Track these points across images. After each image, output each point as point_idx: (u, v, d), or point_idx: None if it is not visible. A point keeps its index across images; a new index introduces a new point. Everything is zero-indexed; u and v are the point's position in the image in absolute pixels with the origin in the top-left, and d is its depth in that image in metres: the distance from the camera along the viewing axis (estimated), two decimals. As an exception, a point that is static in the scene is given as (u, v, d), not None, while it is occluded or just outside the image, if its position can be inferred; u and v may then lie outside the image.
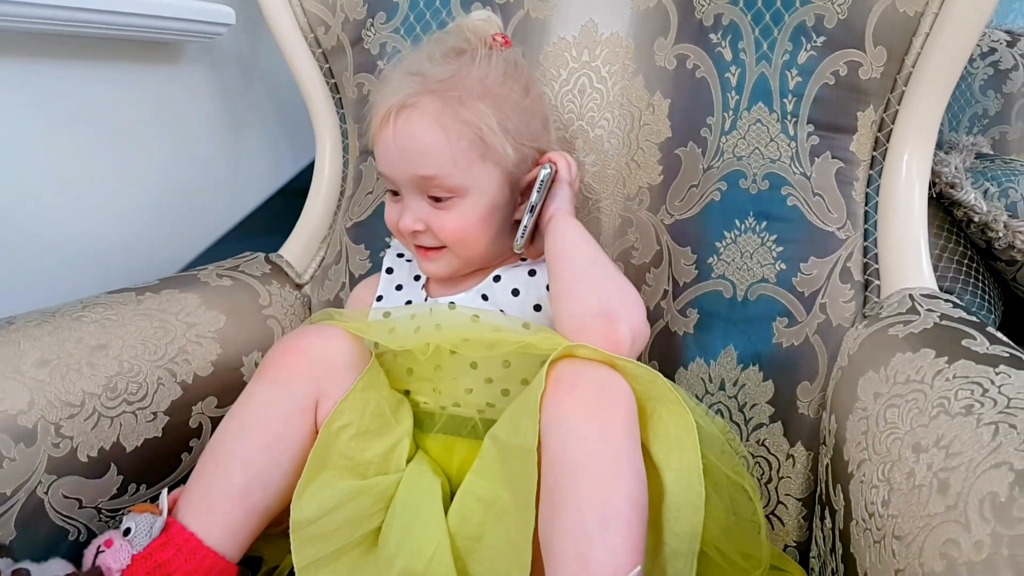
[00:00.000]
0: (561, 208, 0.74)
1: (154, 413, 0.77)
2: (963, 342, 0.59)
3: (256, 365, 0.86)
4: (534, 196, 0.72)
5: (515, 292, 0.75)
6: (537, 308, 0.74)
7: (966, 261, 1.19)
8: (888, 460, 0.53)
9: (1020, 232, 1.10)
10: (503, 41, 0.76)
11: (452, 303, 0.75)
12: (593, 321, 0.65)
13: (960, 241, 1.19)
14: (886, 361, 0.63)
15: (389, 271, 0.84)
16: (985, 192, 1.14)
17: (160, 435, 0.77)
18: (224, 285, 0.90)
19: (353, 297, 0.87)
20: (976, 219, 1.11)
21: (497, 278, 0.77)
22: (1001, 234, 1.11)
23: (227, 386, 0.84)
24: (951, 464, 0.47)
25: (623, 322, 0.64)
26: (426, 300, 0.79)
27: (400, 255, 0.85)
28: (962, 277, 1.18)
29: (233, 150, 1.15)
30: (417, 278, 0.82)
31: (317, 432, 0.67)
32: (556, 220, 0.73)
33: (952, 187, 1.12)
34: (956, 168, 1.13)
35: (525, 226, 0.73)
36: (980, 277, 1.18)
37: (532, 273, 0.76)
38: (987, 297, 1.18)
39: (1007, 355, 0.56)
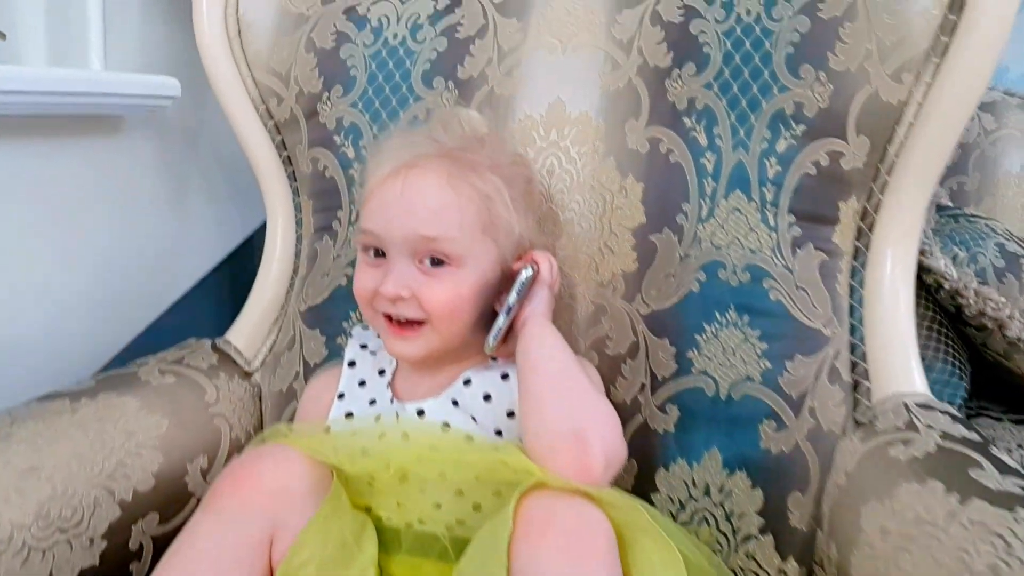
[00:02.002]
0: (537, 311, 0.70)
1: (91, 539, 0.69)
2: (971, 472, 0.56)
3: (202, 472, 0.80)
4: (512, 296, 0.69)
5: (487, 397, 0.70)
6: (510, 415, 0.69)
7: (935, 327, 1.17)
8: (903, 619, 0.49)
9: (990, 299, 1.09)
10: None
11: (421, 411, 0.70)
12: (563, 442, 0.60)
13: (929, 306, 1.17)
14: (890, 491, 0.59)
15: (351, 364, 0.78)
16: (954, 258, 1.13)
17: (97, 563, 0.69)
18: (167, 383, 0.82)
19: (308, 396, 0.80)
20: (947, 286, 1.10)
21: (467, 382, 0.71)
22: (972, 301, 1.09)
23: (170, 499, 0.76)
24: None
25: (596, 444, 0.59)
26: (392, 402, 0.73)
27: (364, 346, 0.79)
28: (932, 343, 1.16)
29: (178, 220, 1.08)
30: (382, 372, 0.76)
31: (272, 571, 0.61)
32: (531, 325, 0.69)
33: (922, 254, 1.10)
34: (926, 234, 1.11)
35: (500, 327, 0.69)
36: (950, 342, 1.17)
37: (505, 377, 0.71)
38: (957, 363, 1.17)
39: (1021, 491, 0.52)
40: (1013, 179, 1.51)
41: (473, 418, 0.69)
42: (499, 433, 0.69)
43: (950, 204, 1.45)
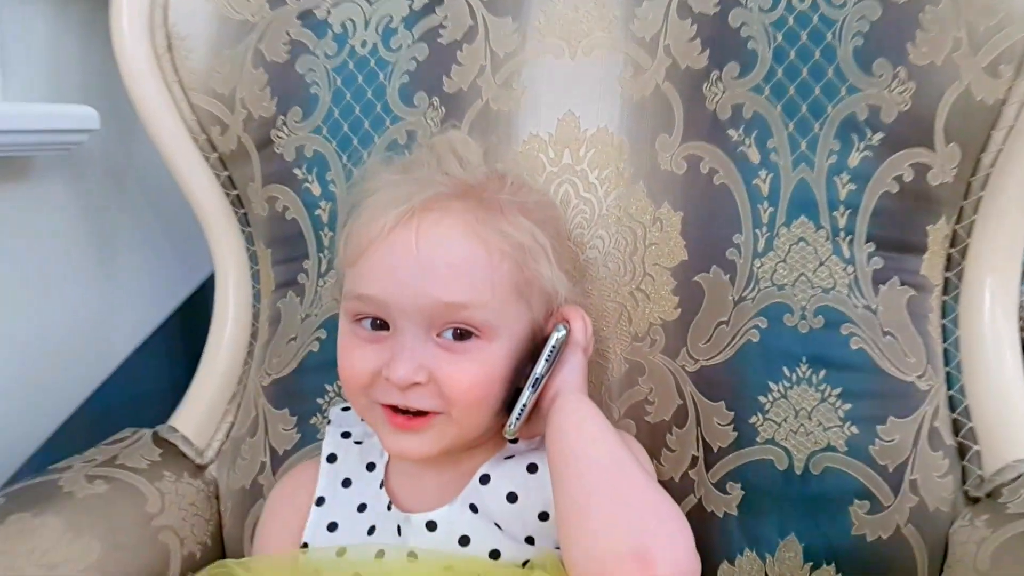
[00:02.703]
0: (569, 382, 0.54)
1: None
2: None
3: (148, 604, 0.62)
4: (541, 365, 0.53)
5: (512, 497, 0.55)
6: (543, 517, 0.54)
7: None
8: None
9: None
10: None
11: (432, 523, 0.54)
12: (621, 566, 0.45)
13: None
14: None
15: (331, 459, 0.62)
16: None
17: None
18: (97, 493, 0.65)
19: (277, 496, 0.64)
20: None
21: (485, 478, 0.56)
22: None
23: (110, 645, 0.59)
24: None
25: (664, 563, 0.45)
26: (389, 509, 0.57)
27: (346, 434, 0.63)
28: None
29: (105, 279, 0.90)
30: (371, 467, 0.60)
31: None
32: (563, 399, 0.53)
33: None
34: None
35: (525, 405, 0.53)
36: None
37: (532, 469, 0.56)
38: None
39: None
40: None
41: (497, 525, 0.54)
42: (530, 541, 0.54)
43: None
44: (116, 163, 0.91)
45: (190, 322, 0.98)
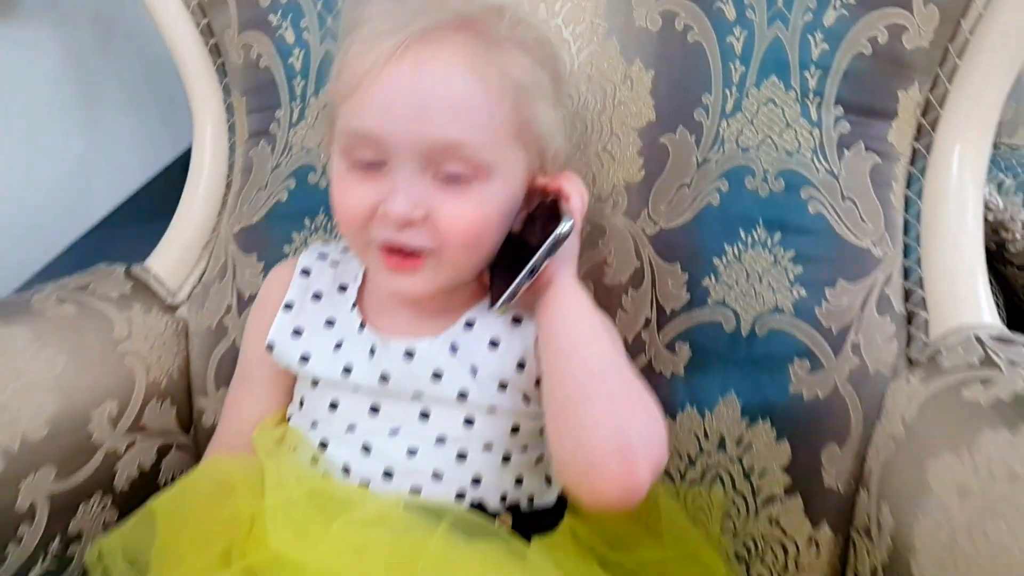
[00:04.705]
0: (564, 270, 0.53)
1: (-36, 496, 0.56)
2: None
3: (110, 419, 0.66)
4: (540, 254, 0.50)
5: (493, 343, 0.56)
6: (521, 366, 0.55)
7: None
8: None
9: (1039, 232, 0.95)
10: None
11: (411, 351, 0.55)
12: (606, 459, 0.47)
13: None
14: (970, 441, 0.46)
15: (305, 272, 0.62)
16: (999, 186, 0.99)
17: (-26, 524, 0.56)
18: (65, 314, 0.67)
19: (259, 297, 0.65)
20: (990, 217, 0.96)
21: (470, 324, 0.56)
22: (1018, 235, 0.96)
23: (69, 451, 0.62)
24: None
25: (644, 461, 0.47)
26: (361, 329, 0.57)
27: (323, 255, 0.63)
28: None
29: (89, 130, 0.91)
30: (343, 289, 0.60)
31: None
32: (558, 288, 0.53)
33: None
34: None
35: (516, 289, 0.51)
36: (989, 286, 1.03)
37: (517, 321, 0.56)
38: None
39: None
40: (1052, 107, 1.37)
41: (474, 369, 0.55)
42: (503, 387, 0.55)
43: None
44: (104, 13, 0.91)
45: (173, 189, 0.99)
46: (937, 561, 0.44)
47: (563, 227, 0.50)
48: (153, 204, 0.98)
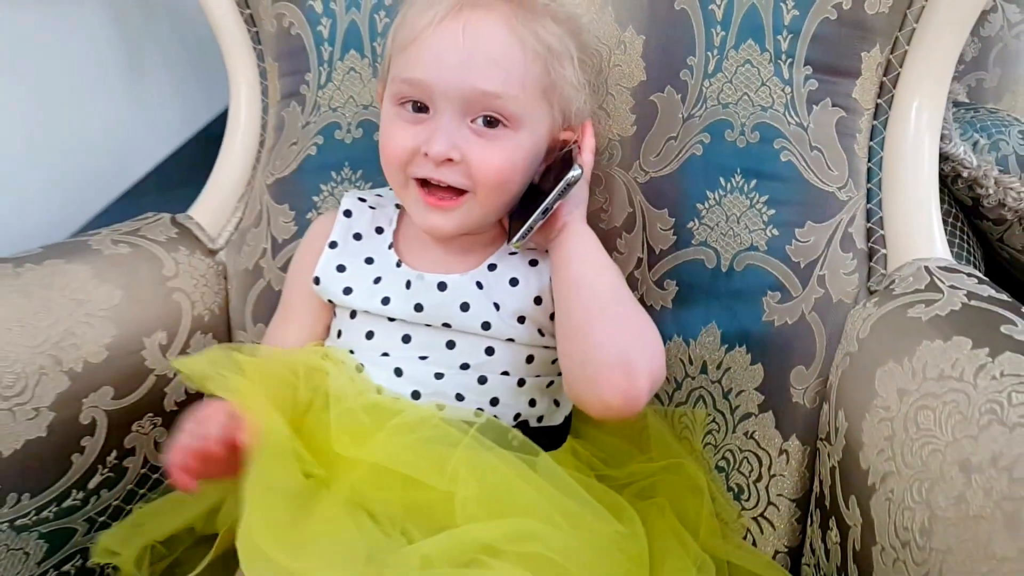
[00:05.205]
0: (575, 214, 0.62)
1: (36, 409, 0.64)
2: (1003, 329, 0.49)
3: (160, 348, 0.74)
4: (553, 196, 0.58)
5: (513, 282, 0.64)
6: (538, 301, 0.63)
7: (950, 220, 1.10)
8: (925, 477, 0.44)
9: (1012, 188, 1.01)
10: None
11: (443, 283, 0.63)
12: (610, 372, 0.55)
13: (944, 198, 1.10)
14: (910, 350, 0.53)
15: (347, 214, 0.69)
16: (975, 145, 1.05)
17: (44, 435, 0.64)
18: (120, 253, 0.76)
19: (306, 239, 0.72)
20: (965, 174, 1.02)
21: (492, 267, 0.64)
22: (991, 191, 1.02)
23: (125, 374, 0.71)
24: (1020, 492, 0.37)
25: (643, 374, 0.55)
26: (399, 266, 0.65)
27: (362, 199, 0.71)
28: (946, 238, 1.09)
29: (133, 93, 0.99)
30: (380, 231, 0.68)
31: None
32: (570, 231, 0.61)
33: (940, 139, 1.03)
34: (945, 120, 1.03)
35: (532, 226, 0.59)
36: (965, 237, 1.10)
37: (534, 263, 0.65)
38: (971, 260, 1.10)
39: (1061, 345, 0.46)
40: (1035, 76, 1.42)
41: (496, 305, 0.62)
42: (521, 320, 0.62)
43: (967, 101, 1.37)
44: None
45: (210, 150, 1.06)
46: (879, 451, 0.51)
47: (573, 173, 0.58)
48: (187, 161, 1.07)
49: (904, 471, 0.46)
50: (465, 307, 0.61)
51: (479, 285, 0.63)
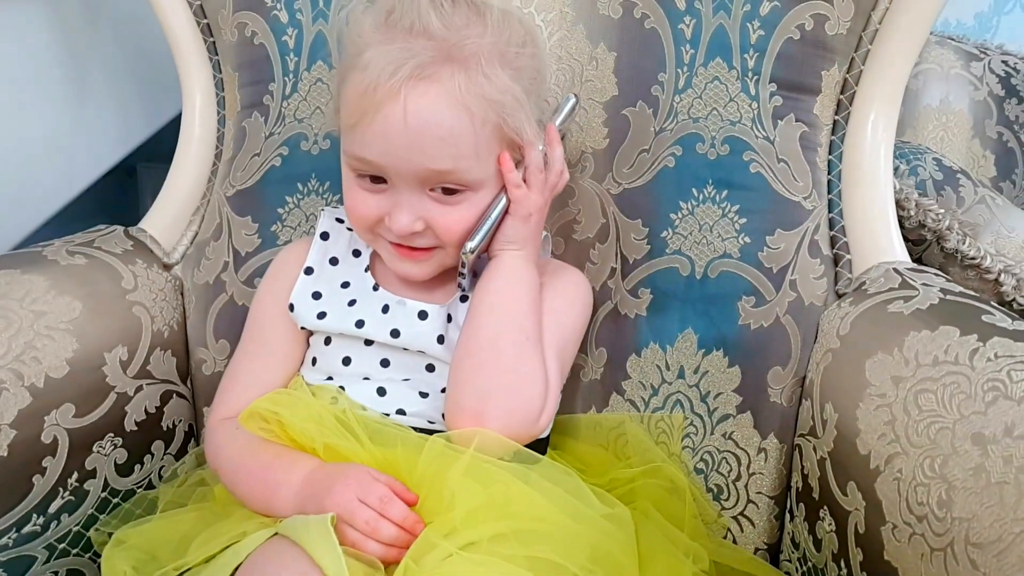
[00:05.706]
0: (510, 242, 0.62)
1: (-3, 427, 0.59)
2: (984, 318, 0.53)
3: (121, 363, 0.69)
4: (477, 239, 0.60)
5: None
6: None
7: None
8: (936, 454, 0.46)
9: (931, 210, 1.09)
10: None
11: (424, 312, 0.63)
12: (461, 416, 0.58)
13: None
14: (899, 340, 0.56)
15: (324, 236, 0.69)
16: (895, 170, 1.13)
17: (5, 454, 0.60)
18: (77, 264, 0.71)
19: (275, 264, 0.71)
20: (889, 197, 1.10)
21: (464, 298, 0.64)
22: (912, 212, 1.10)
23: (86, 391, 0.67)
24: (1037, 457, 0.40)
25: (494, 422, 0.56)
26: (375, 289, 0.65)
27: (339, 220, 0.70)
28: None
29: (76, 105, 0.94)
30: (356, 254, 0.68)
31: None
32: (493, 263, 0.63)
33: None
34: (869, 145, 1.11)
35: (463, 264, 0.62)
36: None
37: None
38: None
39: (1039, 330, 0.50)
40: (933, 113, 1.54)
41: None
42: None
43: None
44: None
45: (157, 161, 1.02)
46: (880, 434, 0.54)
47: (496, 208, 0.60)
48: (132, 179, 1.02)
49: (912, 451, 0.49)
50: (441, 339, 0.62)
51: (449, 318, 0.64)
